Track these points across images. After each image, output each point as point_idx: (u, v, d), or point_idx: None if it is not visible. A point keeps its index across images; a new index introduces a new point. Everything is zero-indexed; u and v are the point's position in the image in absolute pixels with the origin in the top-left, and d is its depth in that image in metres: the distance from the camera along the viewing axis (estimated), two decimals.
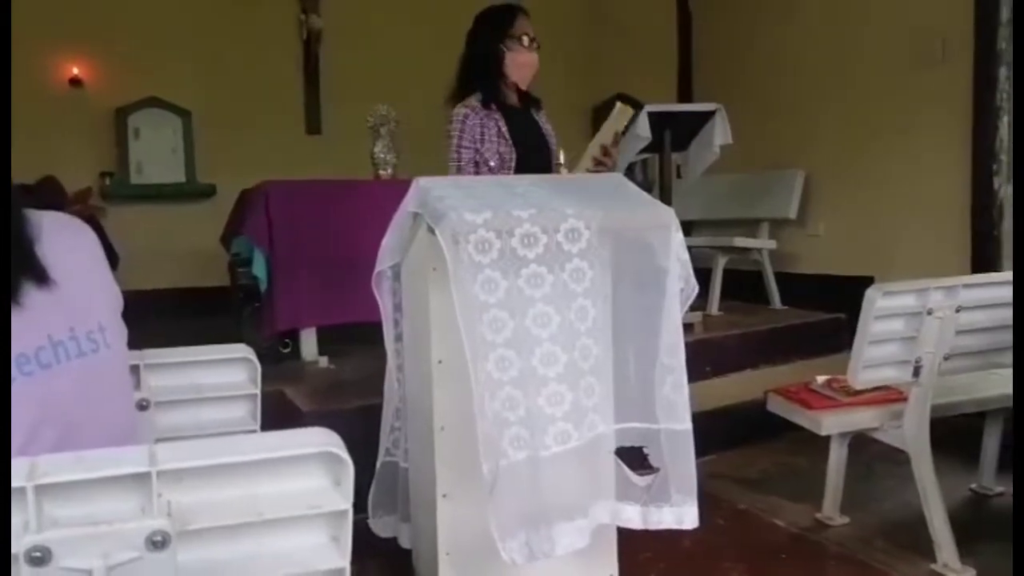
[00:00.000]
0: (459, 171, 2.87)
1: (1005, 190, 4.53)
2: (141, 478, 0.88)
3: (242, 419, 1.73)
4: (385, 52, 6.71)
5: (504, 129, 2.87)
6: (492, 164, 2.84)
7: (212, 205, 6.21)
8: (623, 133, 2.91)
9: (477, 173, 2.85)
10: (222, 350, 1.70)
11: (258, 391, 1.71)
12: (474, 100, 2.91)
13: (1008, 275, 3.10)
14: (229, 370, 1.71)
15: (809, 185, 5.71)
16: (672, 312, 2.06)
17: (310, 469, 0.97)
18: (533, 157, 2.90)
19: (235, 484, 0.95)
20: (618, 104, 2.91)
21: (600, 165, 2.85)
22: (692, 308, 4.19)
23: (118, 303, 1.31)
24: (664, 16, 6.94)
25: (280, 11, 6.75)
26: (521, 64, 2.96)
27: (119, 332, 1.27)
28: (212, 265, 5.61)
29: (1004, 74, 4.50)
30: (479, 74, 2.96)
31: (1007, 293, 2.77)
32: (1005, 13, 4.48)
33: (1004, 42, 4.49)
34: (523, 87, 3.01)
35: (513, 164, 2.85)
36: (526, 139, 2.90)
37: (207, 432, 1.64)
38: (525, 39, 2.95)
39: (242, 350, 1.70)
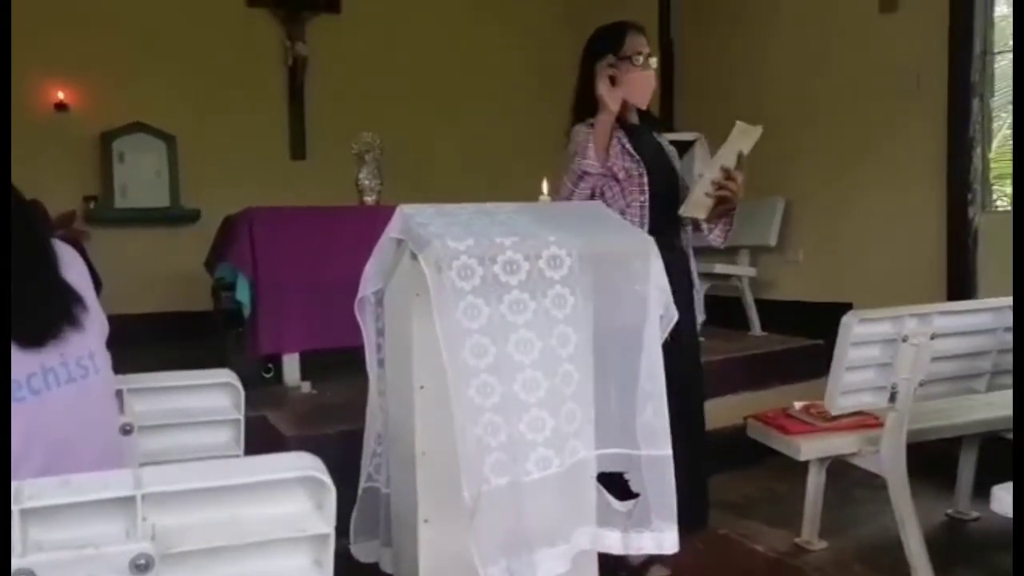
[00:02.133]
0: (580, 179, 2.67)
1: (980, 219, 4.61)
2: (126, 502, 0.90)
3: (226, 444, 1.74)
4: (370, 79, 6.76)
5: (628, 146, 2.70)
6: (620, 177, 2.67)
7: (196, 230, 6.21)
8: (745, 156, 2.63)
9: (595, 188, 2.69)
10: (206, 375, 1.71)
11: (242, 416, 1.73)
12: (593, 120, 2.73)
13: (982, 302, 3.16)
14: (213, 395, 1.73)
15: (789, 213, 5.78)
16: (652, 339, 2.09)
17: (293, 493, 0.99)
18: (659, 175, 2.72)
19: (219, 507, 0.96)
20: (738, 122, 2.63)
21: (722, 190, 2.62)
22: None
23: (104, 329, 1.33)
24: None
25: (265, 38, 6.79)
26: (636, 84, 2.74)
27: (106, 358, 1.29)
28: (196, 290, 5.60)
29: (977, 105, 4.59)
30: (595, 97, 2.73)
31: (981, 320, 2.83)
32: (978, 46, 4.58)
33: (977, 74, 4.59)
34: (642, 107, 2.82)
35: (645, 181, 2.67)
36: (651, 157, 2.73)
37: (191, 457, 1.65)
38: (639, 58, 2.74)
39: (226, 375, 1.71)
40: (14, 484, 0.89)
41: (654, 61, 2.79)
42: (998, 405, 3.01)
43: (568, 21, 7.52)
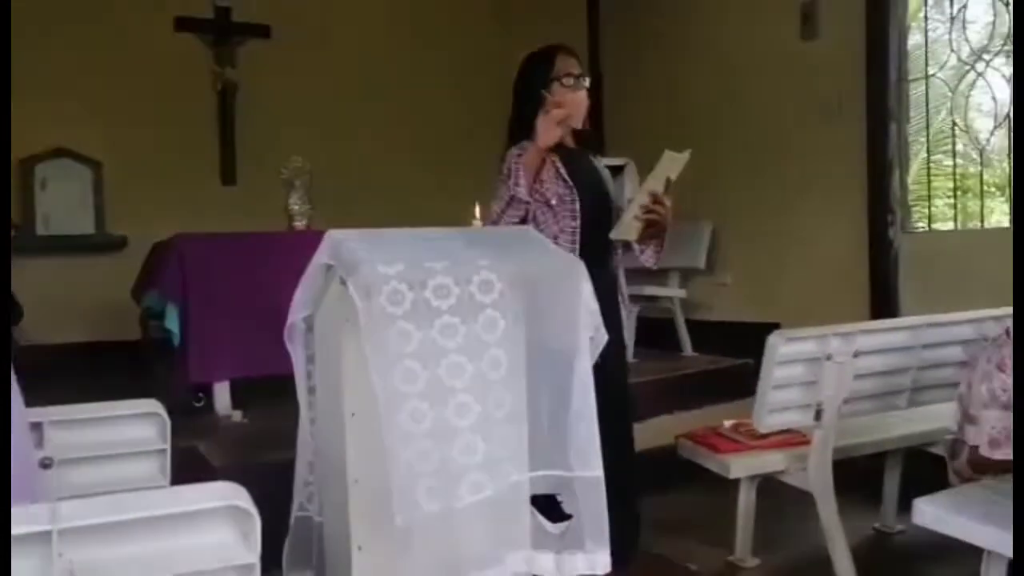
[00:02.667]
0: (508, 205, 2.68)
1: (900, 240, 4.76)
2: (41, 537, 0.88)
3: (151, 475, 1.71)
4: (301, 104, 6.72)
5: (563, 171, 2.71)
6: (553, 203, 2.69)
7: (123, 257, 6.06)
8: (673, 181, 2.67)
9: (524, 216, 2.70)
10: (129, 405, 1.68)
11: (167, 446, 1.69)
12: (528, 143, 2.74)
13: (902, 321, 3.27)
14: (137, 426, 1.69)
15: (717, 235, 5.90)
16: (583, 360, 2.10)
17: (217, 523, 0.97)
18: (592, 199, 2.73)
19: (141, 540, 0.94)
20: (666, 150, 2.67)
21: (651, 213, 2.65)
22: None
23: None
24: None
25: (194, 63, 6.71)
26: (571, 103, 2.77)
27: (15, 391, 1.25)
28: (123, 319, 5.46)
29: (895, 131, 4.76)
30: (528, 122, 2.76)
31: (901, 338, 2.92)
32: (894, 73, 4.76)
33: (894, 100, 4.76)
34: (577, 127, 2.83)
35: (577, 207, 2.70)
36: (585, 180, 2.74)
37: (115, 490, 1.61)
38: (569, 79, 2.78)
39: (150, 405, 1.68)
40: None
41: (586, 81, 2.84)
42: (919, 420, 3.11)
43: (499, 49, 7.61)
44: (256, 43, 6.83)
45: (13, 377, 1.26)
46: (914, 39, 4.85)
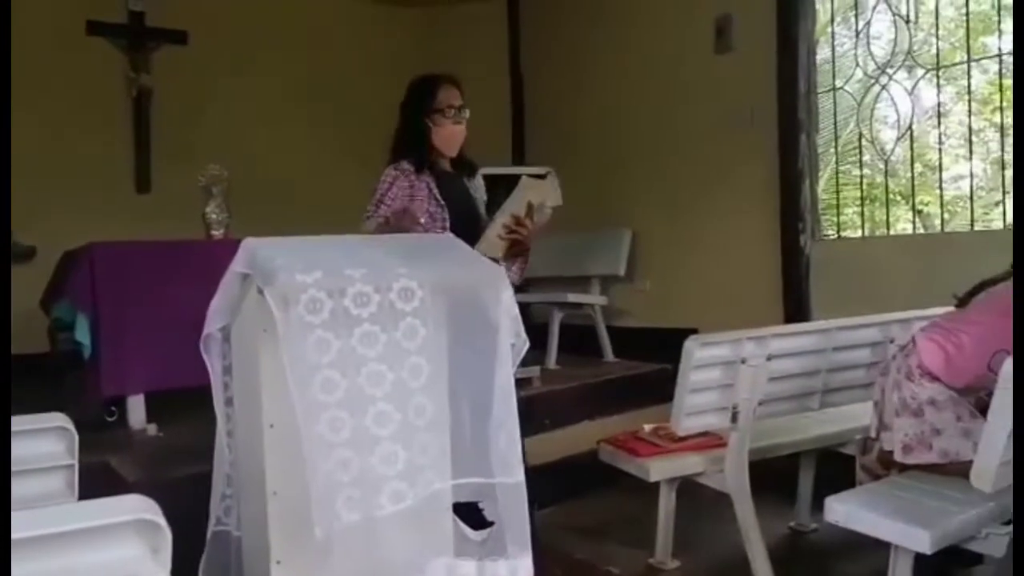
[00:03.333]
0: (367, 220, 2.83)
1: (811, 247, 4.91)
2: None
3: (59, 491, 1.66)
4: (218, 111, 6.60)
5: (436, 192, 2.87)
6: (423, 220, 2.80)
7: (31, 267, 5.84)
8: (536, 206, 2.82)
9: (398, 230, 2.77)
10: (35, 420, 1.62)
11: (75, 461, 1.64)
12: (406, 163, 2.91)
13: (813, 325, 3.37)
14: (43, 440, 1.64)
15: (636, 243, 5.99)
16: (504, 367, 2.12)
17: (126, 538, 0.95)
18: (461, 217, 2.87)
19: (46, 558, 0.92)
20: (524, 176, 2.87)
21: (513, 234, 2.77)
22: (531, 363, 4.34)
23: None
24: (498, 81, 7.17)
25: (107, 68, 6.52)
26: (445, 137, 2.96)
27: None
28: (30, 330, 5.27)
29: (804, 141, 4.91)
30: (409, 145, 2.95)
31: (812, 341, 3.01)
32: (803, 86, 4.91)
33: (804, 112, 4.91)
34: (451, 155, 3.01)
35: (447, 224, 2.83)
36: (456, 201, 2.89)
37: (20, 507, 1.56)
38: (450, 111, 2.95)
39: (57, 419, 1.63)
40: None
41: (466, 113, 3.02)
42: (831, 422, 3.21)
43: (421, 54, 7.61)
44: (172, 49, 6.67)
45: None
46: (823, 53, 5.00)
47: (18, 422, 1.60)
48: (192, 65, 6.62)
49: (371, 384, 1.91)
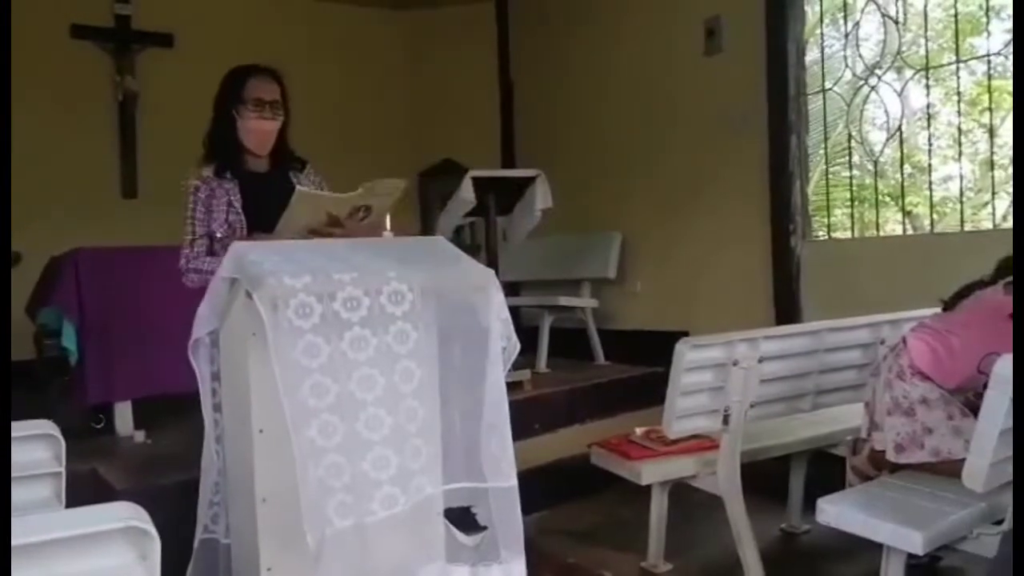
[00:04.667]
0: (191, 245, 2.67)
1: (801, 248, 4.91)
2: None
3: (46, 499, 1.64)
4: (204, 114, 6.54)
5: (236, 199, 2.68)
6: (219, 235, 2.64)
7: (16, 273, 5.78)
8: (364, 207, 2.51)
9: (210, 246, 2.66)
10: (21, 427, 1.60)
11: (62, 469, 1.62)
12: (206, 170, 2.73)
13: (805, 326, 3.36)
14: (30, 448, 1.62)
15: (626, 246, 5.99)
16: (495, 371, 2.11)
17: (114, 545, 0.93)
18: (270, 220, 2.54)
19: (33, 566, 0.90)
20: (362, 184, 2.50)
21: (314, 234, 2.43)
22: (521, 366, 4.33)
23: None
24: (488, 84, 7.17)
25: (93, 71, 6.49)
26: (249, 131, 2.76)
27: None
28: (16, 337, 5.21)
29: (795, 143, 4.91)
30: (217, 141, 2.79)
31: (804, 343, 3.00)
32: (793, 88, 4.92)
33: (793, 114, 4.91)
34: (260, 153, 2.80)
35: (244, 232, 2.63)
36: (264, 205, 2.61)
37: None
38: (257, 104, 2.75)
39: (44, 426, 1.61)
40: None
41: (278, 111, 2.79)
42: (822, 423, 3.20)
43: (410, 59, 7.61)
44: (158, 52, 6.65)
45: None
46: (812, 55, 5.01)
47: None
48: (177, 68, 6.59)
49: (362, 389, 1.90)
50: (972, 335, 2.45)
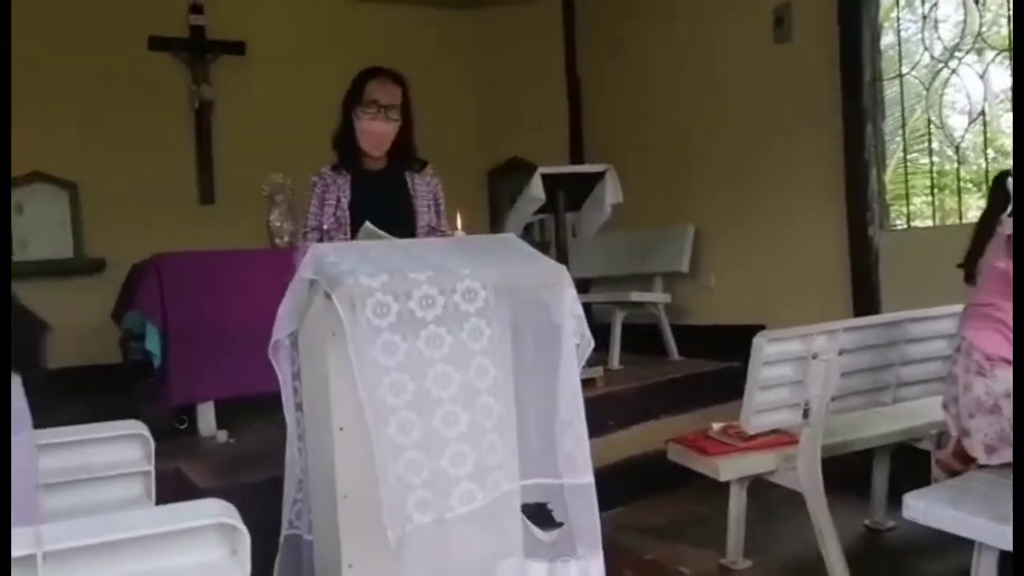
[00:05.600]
0: (304, 237, 2.87)
1: (879, 238, 4.79)
2: (26, 561, 0.86)
3: (137, 498, 1.69)
4: (278, 119, 6.69)
5: (345, 195, 2.85)
6: (325, 227, 2.82)
7: (102, 280, 6.01)
8: None
9: (320, 240, 2.81)
10: (113, 427, 1.66)
11: (152, 468, 1.67)
12: (326, 167, 2.93)
13: (885, 317, 3.28)
14: (121, 448, 1.67)
15: (699, 239, 5.92)
16: (569, 367, 2.10)
17: (205, 541, 0.96)
18: (385, 222, 2.63)
19: (128, 562, 0.93)
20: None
21: None
22: (593, 363, 4.32)
23: None
24: (554, 81, 7.15)
25: (169, 81, 6.67)
26: (363, 132, 2.87)
27: (24, 415, 1.23)
28: (103, 341, 5.41)
29: (871, 130, 4.79)
30: (338, 141, 2.96)
31: (885, 334, 2.93)
32: (868, 73, 4.79)
33: (869, 100, 4.79)
34: (374, 155, 2.91)
35: (347, 232, 2.80)
36: (373, 203, 2.79)
37: (100, 513, 1.59)
38: (371, 106, 2.85)
39: (134, 426, 1.66)
40: None
41: (394, 113, 2.87)
42: (904, 416, 3.12)
43: (476, 61, 7.63)
44: (231, 60, 6.79)
45: (24, 397, 1.24)
46: (887, 38, 4.88)
47: (97, 429, 1.64)
48: (251, 75, 6.73)
49: (438, 386, 1.92)
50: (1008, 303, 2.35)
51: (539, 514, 2.11)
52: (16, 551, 0.85)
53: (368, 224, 2.57)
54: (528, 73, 7.33)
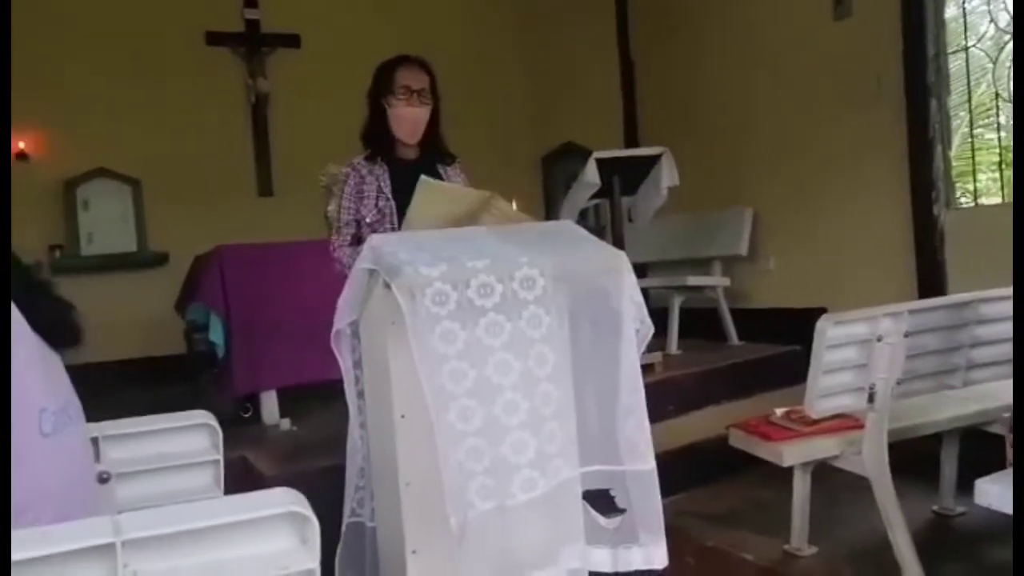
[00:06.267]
0: (338, 232, 2.84)
1: (945, 216, 4.67)
2: (105, 550, 0.88)
3: (206, 486, 1.72)
4: (334, 111, 6.72)
5: (386, 184, 2.81)
6: (368, 220, 2.78)
7: (165, 272, 6.16)
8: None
9: (357, 232, 2.81)
10: (181, 417, 1.69)
11: (220, 457, 1.70)
12: (359, 158, 2.88)
13: (952, 298, 3.18)
14: (190, 437, 1.70)
15: (758, 222, 5.83)
16: (629, 353, 2.09)
17: (276, 530, 0.97)
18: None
19: (202, 550, 0.94)
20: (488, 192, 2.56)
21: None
22: (652, 348, 4.29)
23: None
24: (607, 65, 7.10)
25: (226, 75, 6.78)
26: (398, 118, 2.84)
27: (79, 408, 1.26)
28: (168, 333, 5.55)
29: (935, 106, 4.67)
30: (368, 132, 2.91)
31: (952, 316, 2.85)
32: (932, 47, 4.67)
33: (933, 75, 4.66)
34: (409, 142, 2.88)
35: (395, 220, 2.76)
36: (412, 193, 2.66)
37: (171, 502, 1.63)
38: (403, 92, 2.84)
39: (202, 416, 1.69)
40: None
41: (426, 97, 2.87)
42: (974, 400, 3.04)
43: (528, 48, 7.61)
44: (286, 53, 6.89)
45: (72, 387, 1.27)
46: (950, 11, 4.74)
47: (165, 419, 1.67)
48: (306, 68, 6.82)
49: (498, 373, 1.92)
50: None
51: (601, 500, 2.10)
52: (96, 540, 0.87)
53: (425, 177, 2.57)
54: (581, 57, 7.28)
